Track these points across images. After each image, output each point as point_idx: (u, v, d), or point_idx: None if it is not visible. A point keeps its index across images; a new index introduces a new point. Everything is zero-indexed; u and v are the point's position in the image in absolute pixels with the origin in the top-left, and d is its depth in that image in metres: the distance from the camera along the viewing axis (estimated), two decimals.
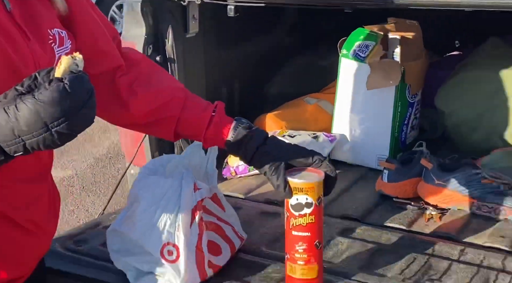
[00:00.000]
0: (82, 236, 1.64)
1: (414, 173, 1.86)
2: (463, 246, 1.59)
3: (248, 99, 2.40)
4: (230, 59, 2.29)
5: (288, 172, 1.34)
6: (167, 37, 1.96)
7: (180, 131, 1.41)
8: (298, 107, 2.34)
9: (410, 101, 2.11)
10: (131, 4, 1.89)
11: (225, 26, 2.17)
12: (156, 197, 1.36)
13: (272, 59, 2.54)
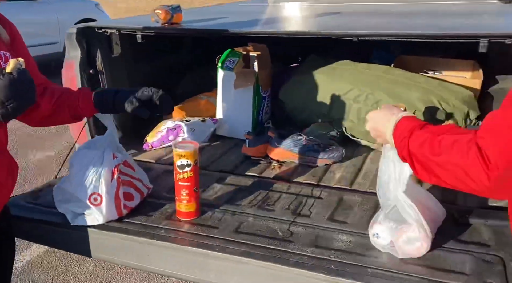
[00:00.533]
0: (40, 193, 1.61)
1: (264, 140, 1.90)
2: (290, 183, 1.66)
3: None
4: (145, 71, 2.27)
5: (175, 143, 1.41)
6: (97, 57, 1.92)
7: (72, 114, 1.39)
8: (194, 102, 2.36)
9: (263, 95, 2.17)
10: (70, 35, 1.84)
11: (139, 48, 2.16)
12: (86, 163, 1.37)
13: (177, 70, 2.55)
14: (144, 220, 1.42)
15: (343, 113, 2.01)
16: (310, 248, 1.25)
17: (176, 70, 2.53)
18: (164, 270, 1.32)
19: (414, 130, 0.95)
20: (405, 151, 0.94)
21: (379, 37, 1.46)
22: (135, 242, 1.33)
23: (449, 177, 0.84)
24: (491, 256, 1.15)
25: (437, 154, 0.85)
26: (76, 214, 1.38)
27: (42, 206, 1.51)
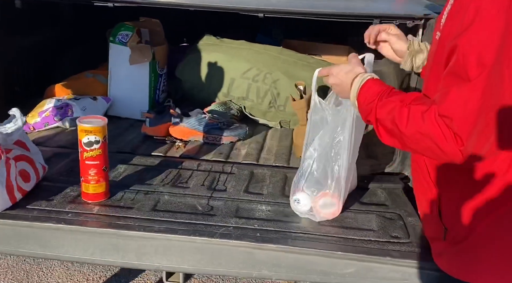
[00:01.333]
0: None
1: (166, 119, 1.85)
2: (199, 161, 1.66)
3: (40, 75, 2.17)
4: (23, 45, 2.03)
5: (79, 119, 1.29)
6: None
7: None
8: (80, 80, 2.18)
9: (159, 73, 2.09)
10: None
11: (14, 18, 1.91)
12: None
13: (59, 45, 2.30)
14: (45, 206, 1.27)
15: (242, 92, 2.07)
16: (233, 219, 1.27)
17: (57, 45, 2.29)
18: (75, 256, 1.20)
19: (382, 95, 0.97)
20: (372, 116, 0.98)
21: (285, 14, 1.51)
22: (39, 229, 1.18)
23: (418, 146, 0.91)
24: (390, 214, 1.31)
25: (405, 125, 0.90)
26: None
27: None
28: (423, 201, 1.10)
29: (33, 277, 2.16)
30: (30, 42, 2.11)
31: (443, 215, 1.01)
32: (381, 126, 0.97)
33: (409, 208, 1.32)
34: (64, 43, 2.36)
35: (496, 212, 0.92)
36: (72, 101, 1.89)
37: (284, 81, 2.02)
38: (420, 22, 1.42)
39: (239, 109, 2.09)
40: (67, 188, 1.39)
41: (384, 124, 0.96)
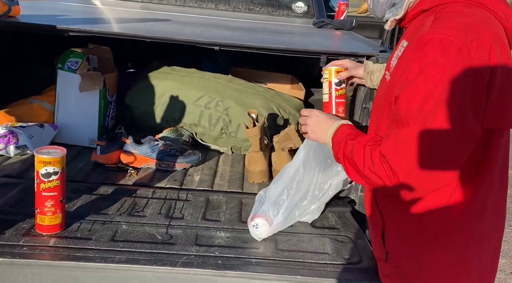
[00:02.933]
0: None
1: (118, 146, 1.84)
2: (153, 189, 1.66)
3: None
4: None
5: (37, 149, 1.27)
6: None
7: None
8: (23, 106, 2.09)
9: (109, 99, 2.08)
10: None
11: None
12: None
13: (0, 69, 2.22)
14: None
15: (194, 118, 2.10)
16: (193, 247, 1.30)
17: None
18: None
19: (348, 136, 1.10)
20: (340, 154, 1.10)
21: (241, 48, 1.60)
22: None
23: (370, 181, 1.02)
24: (342, 237, 1.41)
25: (362, 165, 1.02)
26: None
27: None
28: (370, 225, 1.22)
29: None
30: None
31: (386, 239, 1.12)
32: (348, 163, 1.08)
33: (358, 231, 1.43)
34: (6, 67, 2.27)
35: (435, 242, 1.04)
36: (18, 129, 1.83)
37: (235, 109, 2.09)
38: (362, 59, 1.56)
39: (190, 135, 2.12)
40: (19, 220, 1.34)
41: (349, 161, 1.07)
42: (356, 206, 1.59)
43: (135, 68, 2.76)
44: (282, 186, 1.46)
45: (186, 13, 2.75)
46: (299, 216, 1.43)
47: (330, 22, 2.38)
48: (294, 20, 2.83)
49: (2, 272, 1.14)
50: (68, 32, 1.57)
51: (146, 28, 1.89)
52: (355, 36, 2.21)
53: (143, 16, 2.50)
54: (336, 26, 2.39)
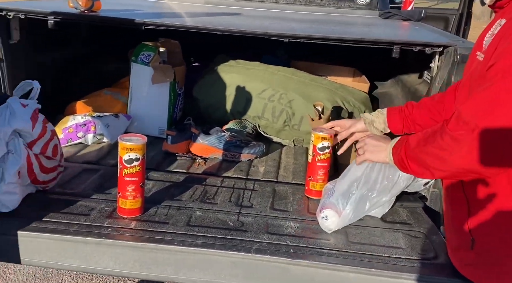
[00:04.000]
0: None
1: (187, 137, 1.89)
2: (222, 178, 1.69)
3: (60, 91, 2.20)
4: (45, 61, 2.07)
5: (121, 136, 1.33)
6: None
7: None
8: (99, 97, 2.21)
9: (178, 92, 2.14)
10: None
11: (41, 36, 1.95)
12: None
13: (76, 62, 2.34)
14: (83, 220, 1.30)
15: (258, 111, 2.12)
16: (265, 235, 1.31)
17: (74, 62, 2.33)
18: (115, 270, 1.23)
19: (405, 142, 1.15)
20: (403, 154, 1.15)
21: (311, 39, 1.58)
22: (81, 243, 1.21)
23: (445, 155, 1.02)
24: (415, 232, 1.37)
25: (423, 145, 1.05)
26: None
27: None
28: (452, 213, 1.17)
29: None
30: (50, 59, 2.15)
31: (472, 226, 1.07)
32: (411, 162, 1.11)
33: (432, 227, 1.38)
34: (82, 60, 2.40)
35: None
36: (95, 119, 1.92)
37: (299, 101, 2.09)
38: (439, 49, 1.50)
39: (253, 128, 2.14)
40: (102, 204, 1.42)
41: (410, 156, 1.11)
42: (427, 202, 1.54)
43: (199, 61, 2.83)
44: (351, 178, 1.43)
45: (248, 7, 2.77)
46: (369, 208, 1.40)
47: (397, 13, 2.31)
48: (357, 12, 2.77)
49: (90, 250, 1.21)
50: (145, 26, 1.63)
51: (215, 21, 1.92)
52: (426, 27, 2.13)
53: (208, 11, 2.55)
54: (403, 17, 2.31)
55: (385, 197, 1.41)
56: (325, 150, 1.53)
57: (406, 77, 2.18)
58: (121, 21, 1.65)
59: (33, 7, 1.66)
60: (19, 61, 1.84)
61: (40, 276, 2.23)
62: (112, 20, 1.65)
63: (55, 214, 1.31)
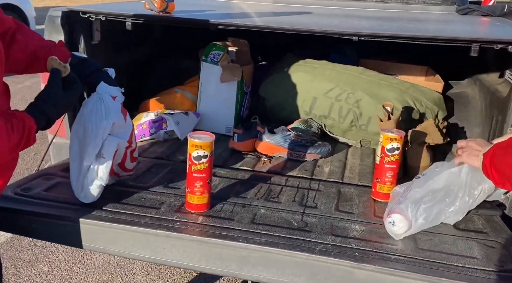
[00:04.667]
0: (26, 185, 1.48)
1: (253, 135, 1.91)
2: (286, 177, 1.70)
3: (134, 89, 2.32)
4: (121, 61, 2.19)
5: (190, 134, 1.38)
6: (80, 43, 1.81)
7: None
8: (170, 95, 2.30)
9: (245, 90, 2.17)
10: (53, 18, 1.71)
11: (119, 36, 2.07)
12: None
13: (149, 61, 2.47)
14: (154, 213, 1.36)
15: (324, 110, 2.09)
16: (329, 237, 1.30)
17: (148, 61, 2.45)
18: (182, 263, 1.28)
19: (493, 149, 1.15)
20: (487, 160, 1.13)
21: (382, 38, 1.54)
22: (151, 235, 1.27)
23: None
24: (491, 242, 1.28)
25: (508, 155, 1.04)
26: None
27: (36, 198, 1.39)
28: None
29: (117, 280, 2.29)
30: (125, 58, 2.27)
31: None
32: (494, 170, 1.08)
33: (511, 237, 1.29)
34: (155, 59, 2.51)
35: None
36: (167, 116, 2.00)
37: (367, 101, 2.03)
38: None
39: (319, 127, 2.12)
40: (171, 198, 1.48)
41: (497, 168, 1.07)
42: (506, 210, 1.43)
43: (266, 60, 2.85)
44: (429, 188, 1.35)
45: (316, 5, 2.74)
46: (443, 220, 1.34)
47: (477, 8, 2.17)
48: (432, 8, 2.64)
49: (160, 242, 1.27)
50: (216, 26, 1.67)
51: (284, 20, 1.93)
52: (510, 23, 1.98)
53: (276, 9, 2.56)
54: (484, 13, 2.16)
55: (462, 212, 1.34)
56: (394, 151, 1.48)
57: (484, 76, 2.04)
58: (195, 22, 1.71)
59: (112, 10, 1.76)
60: (99, 61, 1.96)
61: (114, 263, 2.37)
62: (186, 21, 1.71)
63: (128, 206, 1.39)
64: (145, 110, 2.17)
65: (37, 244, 2.48)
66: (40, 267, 2.32)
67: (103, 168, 1.31)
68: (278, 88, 2.19)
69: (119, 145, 1.35)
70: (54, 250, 2.45)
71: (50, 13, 1.71)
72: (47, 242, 2.48)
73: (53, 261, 2.37)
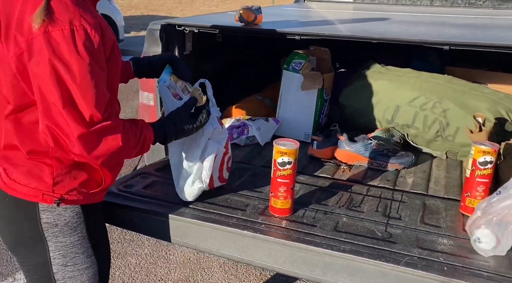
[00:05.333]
0: (127, 183, 1.61)
1: (333, 142, 1.92)
2: (368, 186, 1.68)
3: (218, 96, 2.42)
4: (207, 69, 2.30)
5: (276, 141, 1.43)
6: (174, 52, 1.94)
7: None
8: (251, 102, 2.37)
9: (325, 98, 2.19)
10: (152, 30, 1.85)
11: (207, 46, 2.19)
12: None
13: (232, 69, 2.56)
14: (240, 214, 1.42)
15: (408, 119, 2.04)
16: (415, 249, 1.27)
17: (231, 69, 2.54)
18: (267, 264, 1.32)
19: None
20: None
21: (475, 47, 1.48)
22: (239, 235, 1.33)
23: None
24: None
25: None
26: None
27: (136, 195, 1.52)
28: None
29: (196, 276, 2.40)
30: (211, 67, 2.38)
31: None
32: None
33: None
34: (237, 67, 2.61)
35: None
36: (249, 121, 2.08)
37: (454, 111, 1.95)
38: None
39: (401, 137, 2.08)
40: (255, 201, 1.53)
41: None
42: None
43: (345, 67, 2.84)
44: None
45: (400, 11, 2.69)
46: None
47: None
48: None
49: (246, 243, 1.33)
50: (301, 36, 1.71)
51: (368, 28, 1.92)
52: None
53: (357, 17, 2.55)
54: None
55: None
56: (487, 165, 1.42)
57: None
58: (281, 33, 1.76)
59: (205, 23, 1.87)
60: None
61: (194, 260, 2.50)
62: (273, 32, 1.76)
63: (217, 206, 1.47)
64: (228, 116, 2.26)
65: (125, 238, 2.68)
66: (129, 259, 2.51)
67: (205, 172, 1.40)
68: (359, 96, 2.18)
69: (218, 150, 1.43)
70: (141, 244, 2.63)
71: (150, 27, 1.86)
72: (134, 236, 2.67)
73: (140, 254, 2.54)
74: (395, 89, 2.09)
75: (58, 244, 1.15)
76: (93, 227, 1.22)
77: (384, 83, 2.13)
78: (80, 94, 0.99)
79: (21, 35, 0.97)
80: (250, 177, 1.75)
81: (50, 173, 1.11)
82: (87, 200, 1.19)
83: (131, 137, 1.12)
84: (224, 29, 1.83)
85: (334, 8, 2.87)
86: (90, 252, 1.20)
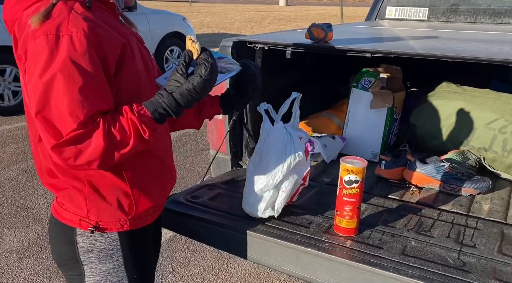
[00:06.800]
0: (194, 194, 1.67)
1: (402, 163, 1.86)
2: (439, 211, 1.61)
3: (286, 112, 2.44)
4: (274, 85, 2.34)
5: (343, 158, 1.41)
6: None
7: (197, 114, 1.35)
8: (317, 119, 2.36)
9: (395, 117, 2.14)
10: (225, 47, 1.91)
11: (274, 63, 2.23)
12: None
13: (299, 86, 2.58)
14: (304, 231, 1.42)
15: (485, 143, 1.93)
16: (492, 280, 1.19)
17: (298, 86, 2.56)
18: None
19: None
20: None
21: None
22: (302, 252, 1.32)
23: None
24: None
25: None
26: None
27: (202, 205, 1.57)
28: None
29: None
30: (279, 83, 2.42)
31: None
32: None
33: None
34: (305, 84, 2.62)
35: None
36: (315, 138, 2.07)
37: None
38: None
39: (477, 160, 1.96)
40: (319, 218, 1.52)
41: None
42: None
43: (417, 87, 2.75)
44: None
45: (478, 29, 2.56)
46: None
47: None
48: None
49: (309, 260, 1.31)
50: (372, 54, 1.69)
51: (443, 47, 1.85)
52: None
53: (433, 35, 2.46)
54: None
55: None
56: None
57: None
58: (351, 50, 1.75)
59: (275, 40, 1.91)
60: None
61: (254, 275, 2.50)
62: (343, 49, 1.76)
63: (280, 222, 1.47)
64: None
65: (189, 248, 2.75)
66: (192, 269, 2.57)
67: (279, 201, 1.42)
68: (431, 116, 2.09)
69: (296, 182, 1.44)
70: (203, 255, 2.69)
71: (223, 43, 1.93)
72: (197, 246, 2.74)
73: (202, 265, 2.59)
74: (471, 110, 1.99)
75: (93, 270, 1.12)
76: (133, 255, 1.16)
77: (459, 103, 2.03)
78: (53, 103, 0.91)
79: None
80: (315, 194, 1.74)
81: (83, 199, 1.08)
82: (124, 227, 1.13)
83: (114, 131, 0.95)
84: (294, 46, 1.85)
85: (407, 26, 2.81)
86: (125, 282, 1.15)
